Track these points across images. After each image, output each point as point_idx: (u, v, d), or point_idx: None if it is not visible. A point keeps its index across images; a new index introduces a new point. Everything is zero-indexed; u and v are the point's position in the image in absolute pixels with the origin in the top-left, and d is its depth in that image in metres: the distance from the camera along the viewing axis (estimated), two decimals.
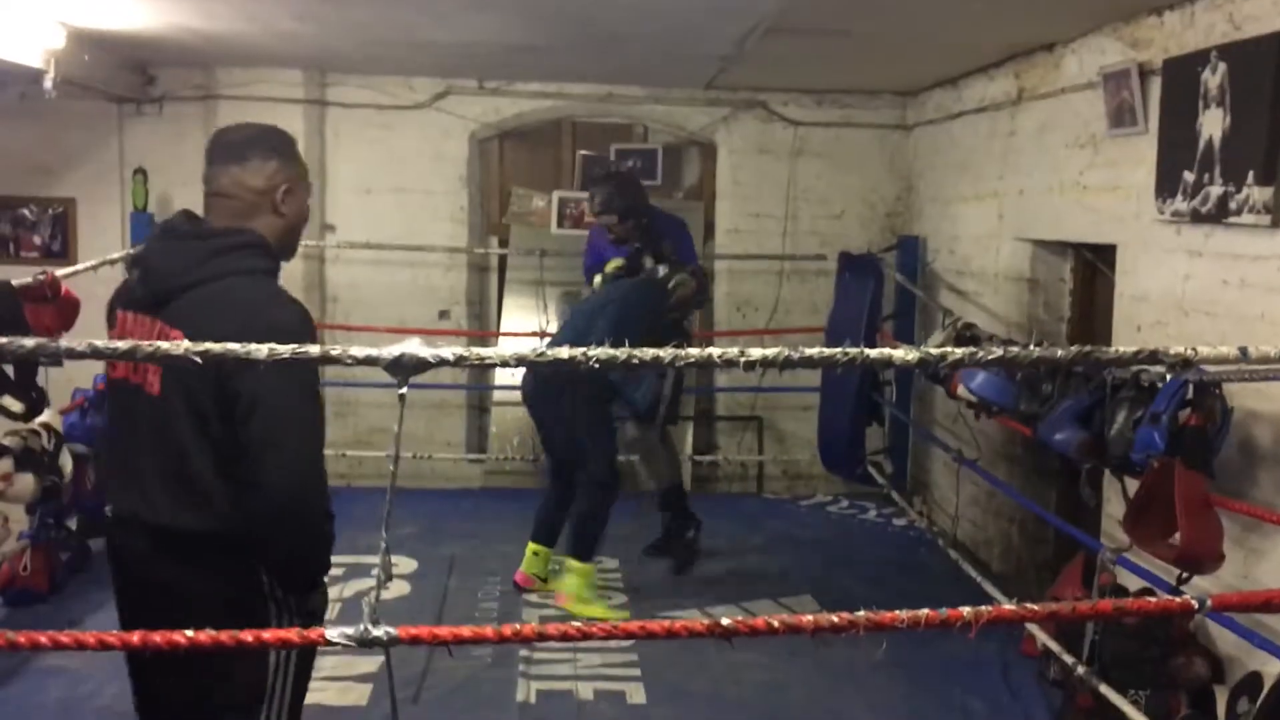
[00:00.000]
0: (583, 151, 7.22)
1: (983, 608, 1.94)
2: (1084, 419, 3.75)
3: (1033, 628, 4.13)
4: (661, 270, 5.20)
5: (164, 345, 1.76)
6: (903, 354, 1.90)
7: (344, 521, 5.95)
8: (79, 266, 5.56)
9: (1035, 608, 2.12)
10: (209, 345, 1.76)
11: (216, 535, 2.26)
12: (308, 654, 2.47)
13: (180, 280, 2.27)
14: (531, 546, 5.08)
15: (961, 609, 1.92)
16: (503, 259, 7.15)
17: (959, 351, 1.82)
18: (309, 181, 2.53)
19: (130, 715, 3.79)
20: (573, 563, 4.88)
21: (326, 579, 2.47)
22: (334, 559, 2.46)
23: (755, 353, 1.83)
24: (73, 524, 5.24)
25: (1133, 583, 3.88)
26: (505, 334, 7.00)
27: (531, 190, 7.17)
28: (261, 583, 2.34)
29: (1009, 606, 1.94)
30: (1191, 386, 3.24)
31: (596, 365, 1.83)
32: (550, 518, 5.09)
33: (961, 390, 4.58)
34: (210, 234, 2.34)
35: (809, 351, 1.86)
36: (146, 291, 2.31)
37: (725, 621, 1.93)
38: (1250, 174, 3.40)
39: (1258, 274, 3.46)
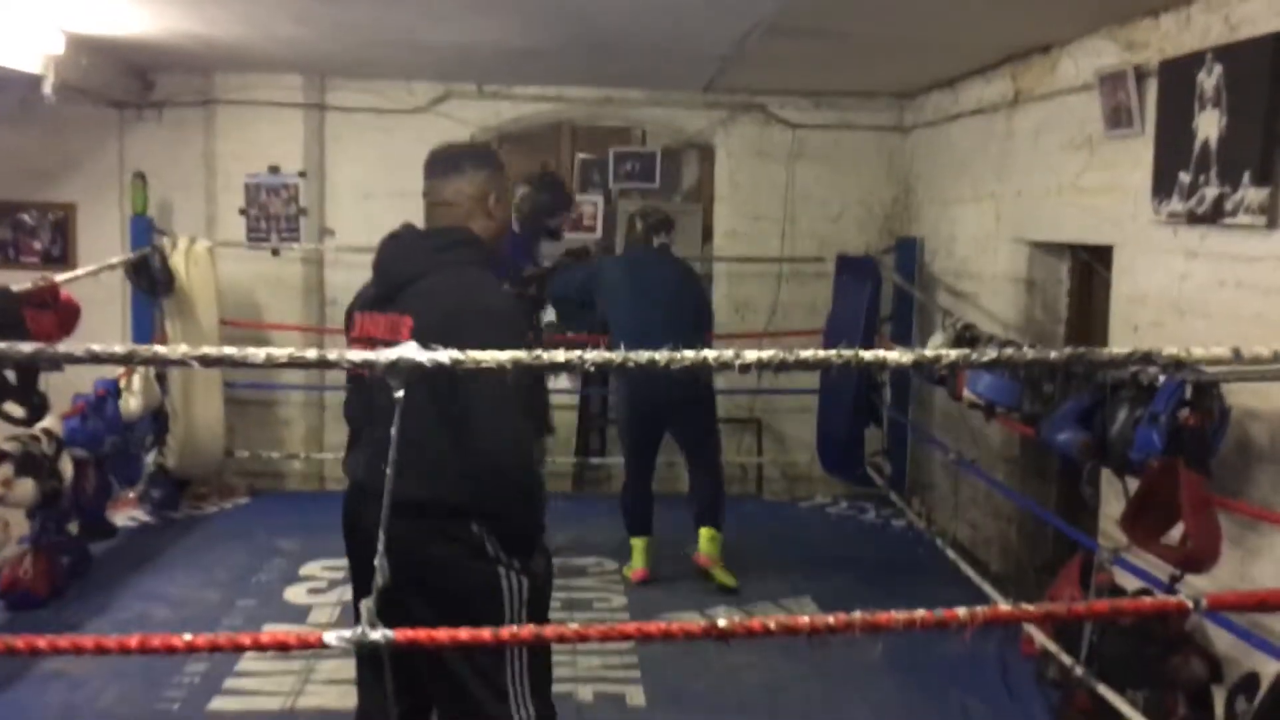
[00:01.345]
0: (581, 155, 7.23)
1: (979, 608, 1.94)
2: (1085, 419, 3.76)
3: (1031, 628, 4.14)
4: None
5: (162, 349, 1.77)
6: (898, 355, 1.91)
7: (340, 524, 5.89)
8: (79, 272, 5.59)
9: (1031, 608, 2.12)
10: (207, 349, 1.77)
11: (450, 505, 2.51)
12: (539, 599, 2.64)
13: (407, 274, 2.59)
14: (707, 532, 5.34)
15: (957, 609, 1.93)
16: None
17: (953, 353, 1.83)
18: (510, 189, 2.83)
19: (129, 718, 3.83)
20: (716, 533, 5.33)
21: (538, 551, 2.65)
22: (332, 562, 2.47)
23: (751, 355, 1.84)
24: (73, 528, 5.24)
25: (1131, 583, 3.89)
26: None
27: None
28: (486, 549, 2.54)
29: (1005, 607, 1.95)
30: (1190, 387, 3.25)
31: (593, 368, 1.84)
32: (651, 507, 5.45)
33: (967, 393, 4.60)
34: (432, 234, 2.69)
35: (805, 354, 1.87)
36: (379, 290, 2.64)
37: (722, 623, 1.94)
38: (1246, 175, 3.41)
39: (1254, 274, 3.47)
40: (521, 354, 1.81)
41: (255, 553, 5.61)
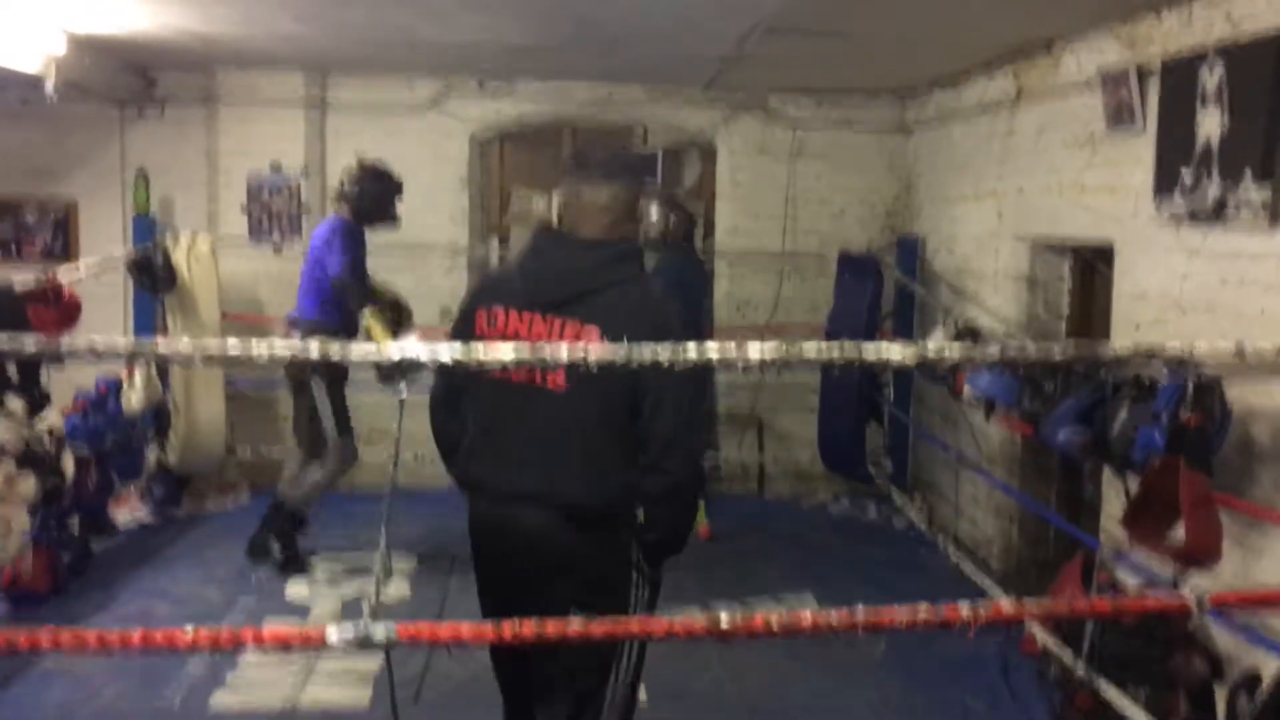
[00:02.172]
0: None
1: (981, 606, 1.95)
2: (1086, 418, 3.76)
3: (1032, 626, 4.14)
4: None
5: (166, 344, 1.77)
6: (900, 353, 1.90)
7: (345, 521, 5.95)
8: (80, 264, 5.58)
9: (1034, 606, 2.13)
10: (211, 345, 1.78)
11: (609, 512, 2.65)
12: (653, 607, 2.78)
13: (585, 285, 2.62)
14: None
15: (960, 607, 1.93)
16: (503, 259, 7.16)
17: (957, 349, 1.83)
18: None
19: (128, 715, 3.83)
20: None
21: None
22: (333, 558, 2.47)
23: (754, 352, 1.84)
24: (74, 525, 5.24)
25: (1133, 581, 3.89)
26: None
27: (532, 191, 7.18)
28: (630, 555, 2.72)
29: (1006, 605, 1.95)
30: (1191, 385, 3.24)
31: (593, 368, 1.84)
32: None
33: (967, 391, 4.60)
34: (598, 244, 2.69)
35: (809, 349, 1.87)
36: (549, 294, 2.63)
37: (724, 621, 1.94)
38: (1248, 173, 3.41)
39: (1256, 272, 3.46)
40: (525, 353, 1.81)
41: None
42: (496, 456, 2.68)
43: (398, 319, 5.32)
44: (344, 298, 5.13)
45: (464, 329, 2.73)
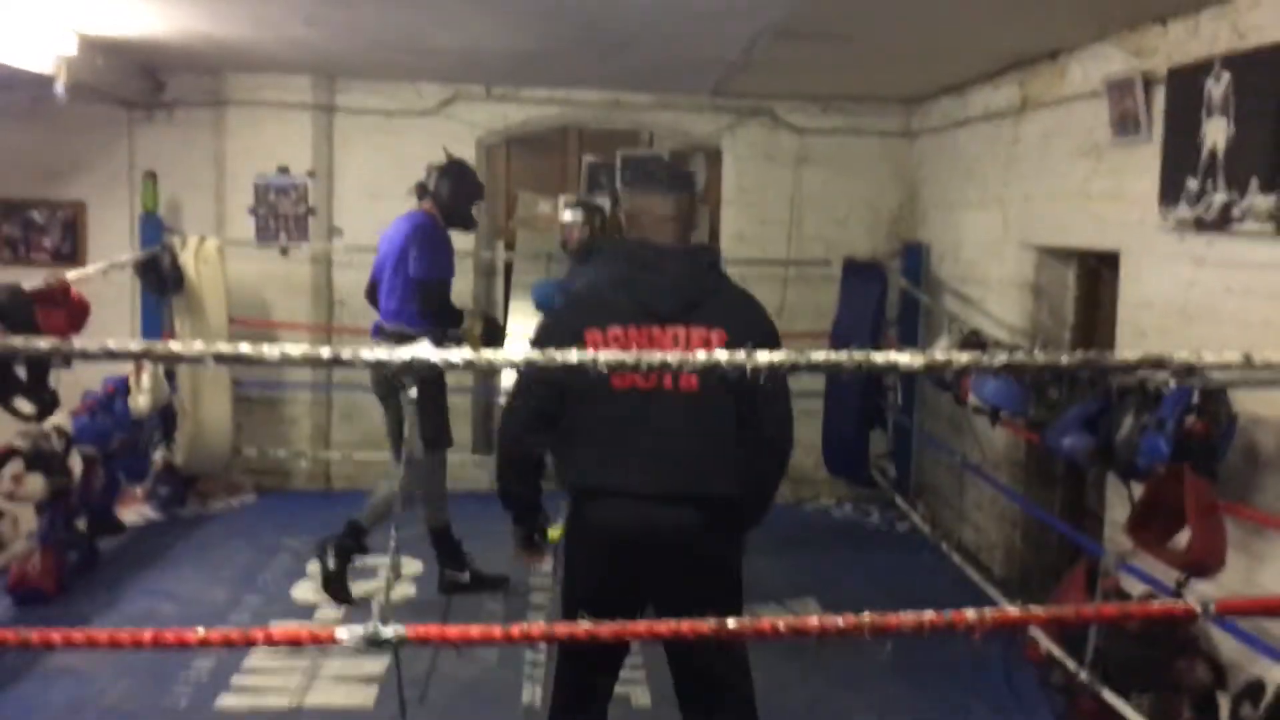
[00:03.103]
0: (589, 158, 7.25)
1: (987, 611, 1.96)
2: (1091, 425, 3.76)
3: (1036, 632, 4.14)
4: None
5: (177, 345, 1.79)
6: (908, 359, 1.92)
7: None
8: (89, 269, 5.61)
9: (1038, 611, 2.14)
10: (221, 346, 1.79)
11: (736, 501, 2.80)
12: None
13: (698, 292, 2.77)
14: None
15: (966, 612, 1.94)
16: (509, 263, 7.18)
17: (963, 356, 1.84)
18: None
19: (134, 715, 3.84)
20: None
21: None
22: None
23: (761, 357, 1.85)
24: (81, 525, 5.26)
25: (1136, 588, 3.89)
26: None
27: (538, 195, 7.20)
28: (741, 538, 2.93)
29: (1012, 610, 1.96)
30: (1197, 393, 3.25)
31: (606, 369, 1.86)
32: None
33: (972, 398, 4.60)
34: (694, 252, 2.87)
35: (816, 355, 1.88)
36: (664, 304, 2.74)
37: (730, 624, 1.95)
38: (1254, 182, 3.42)
39: (1261, 281, 3.47)
40: (536, 354, 1.83)
41: (262, 550, 5.63)
42: (630, 460, 2.74)
43: (491, 333, 5.05)
44: (432, 303, 4.80)
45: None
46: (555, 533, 5.05)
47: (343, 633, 1.89)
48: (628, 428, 2.74)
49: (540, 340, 2.90)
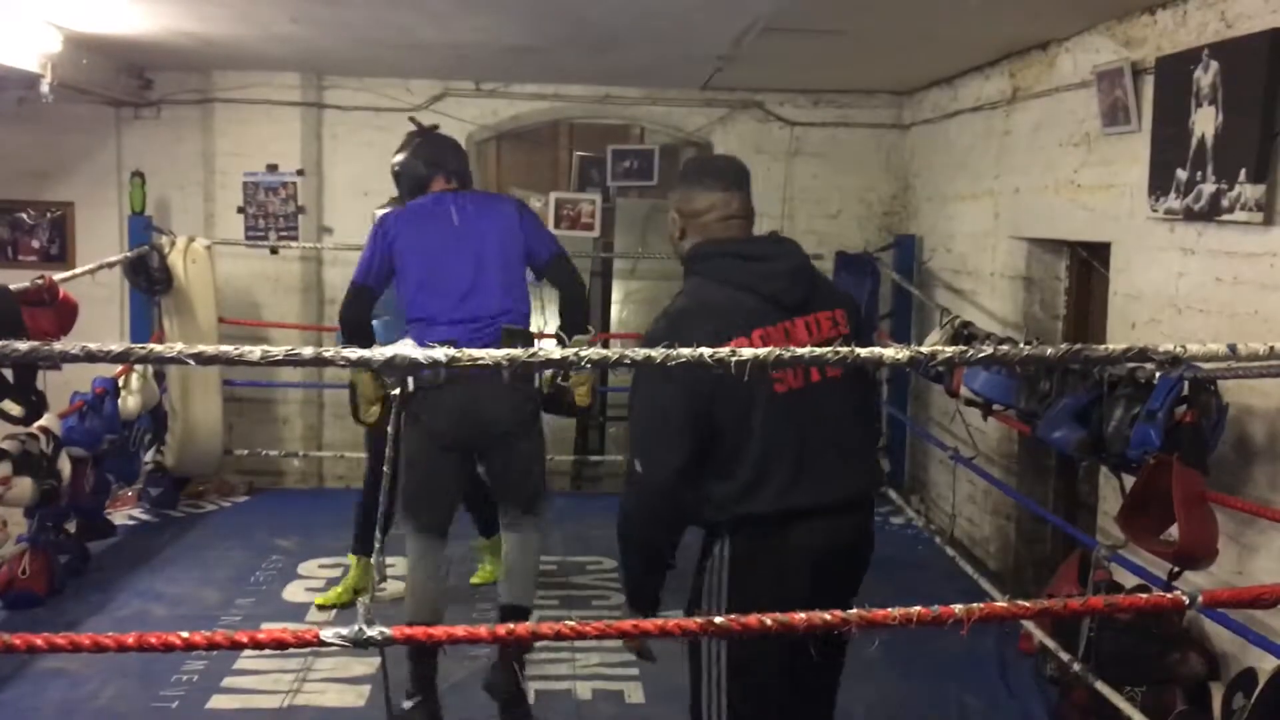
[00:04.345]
0: (580, 153, 7.24)
1: (975, 605, 1.94)
2: (1082, 416, 3.76)
3: (1029, 625, 4.14)
4: None
5: (158, 347, 1.77)
6: (894, 352, 1.91)
7: (341, 522, 5.91)
8: (77, 270, 5.59)
9: (1028, 604, 2.13)
10: (204, 347, 1.78)
11: (873, 494, 2.80)
12: None
13: (810, 279, 2.71)
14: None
15: (954, 606, 1.93)
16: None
17: (948, 350, 1.83)
18: None
19: (125, 716, 3.83)
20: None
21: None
22: (329, 561, 2.46)
23: (747, 352, 1.84)
24: (71, 527, 5.25)
25: (1129, 580, 3.89)
26: None
27: (529, 191, 7.18)
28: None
29: (1001, 603, 1.95)
30: (1187, 383, 3.25)
31: (589, 365, 1.84)
32: None
33: (964, 390, 4.60)
34: (789, 242, 2.83)
35: (801, 351, 1.87)
36: (791, 297, 2.62)
37: (719, 620, 1.94)
38: (1242, 172, 3.41)
39: (1251, 271, 3.47)
40: (518, 352, 1.81)
41: (254, 551, 5.61)
42: (807, 473, 2.51)
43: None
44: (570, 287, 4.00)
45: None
46: (484, 574, 4.93)
47: (328, 634, 1.88)
48: (799, 433, 2.50)
49: (671, 366, 2.53)
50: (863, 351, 1.83)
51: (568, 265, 4.00)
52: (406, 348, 1.81)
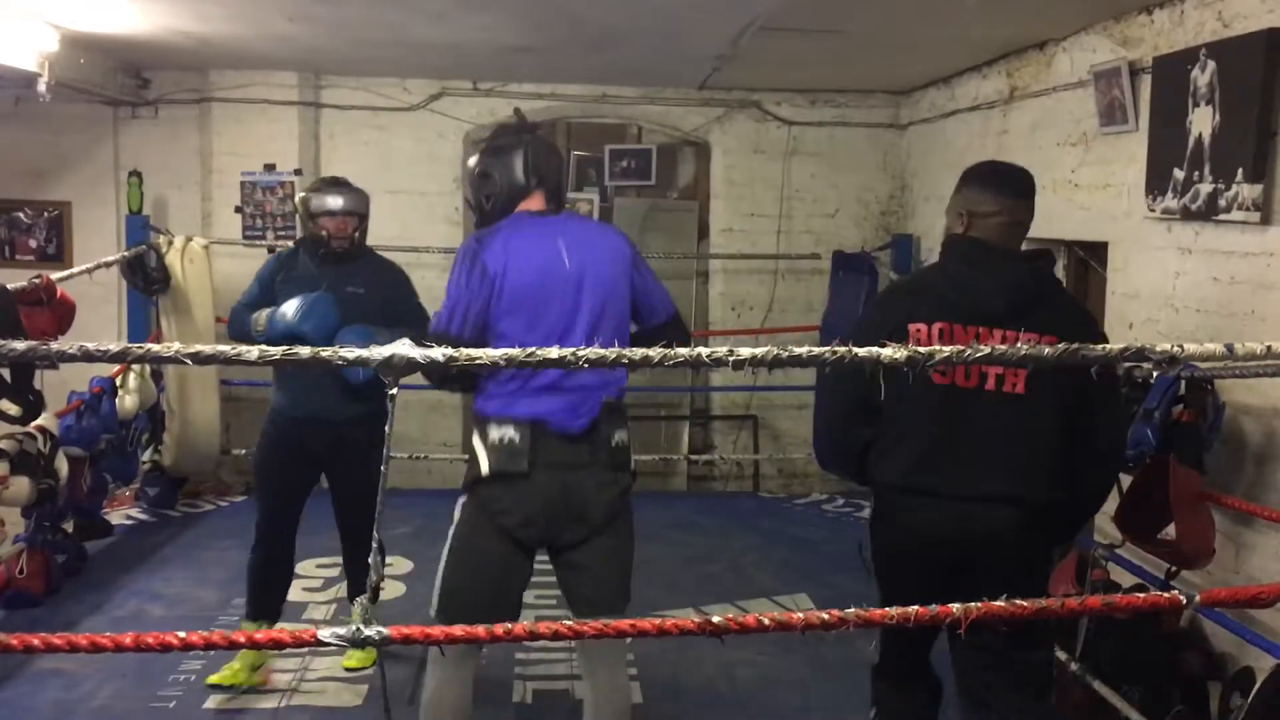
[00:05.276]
0: (577, 152, 7.24)
1: (972, 604, 1.95)
2: None
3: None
4: None
5: (155, 346, 1.77)
6: (892, 352, 1.91)
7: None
8: (74, 270, 5.58)
9: (1024, 604, 2.13)
10: (200, 347, 1.77)
11: (1059, 505, 2.72)
12: None
13: (1030, 298, 2.68)
14: None
15: (951, 606, 1.93)
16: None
17: (946, 350, 1.83)
18: None
19: (123, 717, 3.82)
20: None
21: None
22: (327, 560, 2.46)
23: (745, 351, 1.83)
24: (69, 527, 5.24)
25: (1127, 579, 3.90)
26: None
27: None
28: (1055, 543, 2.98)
29: (997, 603, 1.95)
30: (1184, 383, 3.25)
31: (586, 365, 1.84)
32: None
33: None
34: (1031, 257, 2.80)
35: (798, 350, 1.87)
36: (994, 307, 2.66)
37: (716, 619, 1.94)
38: (1239, 171, 3.41)
39: (1247, 270, 3.47)
40: (516, 352, 1.81)
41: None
42: (950, 460, 2.68)
43: None
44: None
45: (892, 340, 2.51)
46: None
47: (325, 634, 1.88)
48: (946, 426, 2.67)
49: (863, 324, 2.90)
50: (860, 351, 1.83)
51: (683, 332, 3.12)
52: (404, 347, 1.80)
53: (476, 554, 2.95)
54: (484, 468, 2.87)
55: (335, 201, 3.92)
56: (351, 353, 1.81)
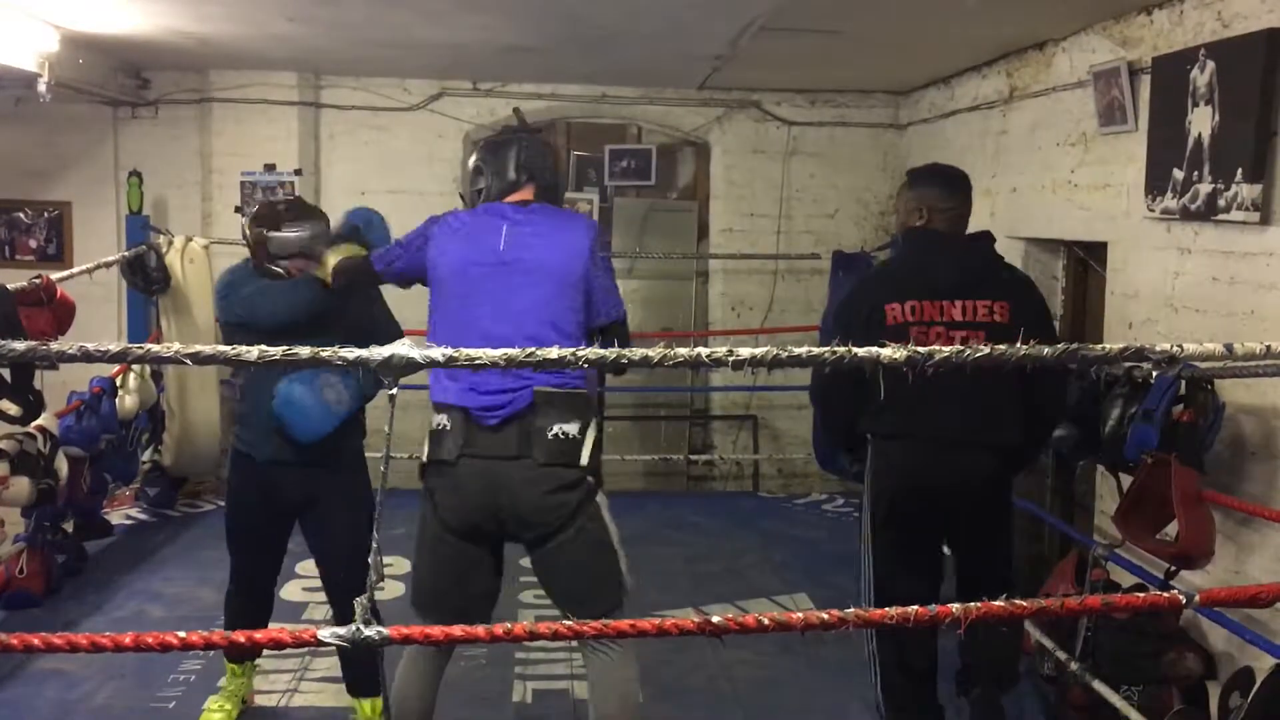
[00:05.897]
0: (577, 152, 7.24)
1: (972, 604, 1.95)
2: (1078, 416, 3.77)
3: (1025, 624, 4.14)
4: None
5: (155, 346, 1.77)
6: (891, 352, 1.91)
7: None
8: (74, 270, 5.58)
9: (1024, 604, 2.13)
10: (201, 347, 1.78)
11: (1018, 447, 3.32)
12: None
13: (985, 272, 3.32)
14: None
15: (950, 605, 1.93)
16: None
17: (945, 350, 1.83)
18: None
19: (122, 717, 3.82)
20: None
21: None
22: None
23: (744, 352, 1.84)
24: (69, 527, 5.24)
25: (1126, 579, 3.90)
26: None
27: None
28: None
29: (997, 603, 1.95)
30: (1183, 383, 3.25)
31: (586, 365, 1.85)
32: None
33: None
34: (975, 238, 3.44)
35: (797, 350, 1.87)
36: (955, 281, 3.25)
37: (716, 619, 1.94)
38: (1239, 171, 3.41)
39: (1247, 270, 3.47)
40: (516, 352, 1.81)
41: None
42: (934, 409, 3.16)
43: None
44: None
45: (870, 321, 3.18)
46: None
47: (325, 634, 1.88)
48: (929, 383, 2.82)
49: (845, 307, 3.43)
50: (860, 351, 1.83)
51: (624, 338, 2.99)
52: (403, 347, 1.80)
53: (432, 543, 3.02)
54: (424, 455, 2.95)
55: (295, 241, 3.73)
56: (351, 353, 1.81)
